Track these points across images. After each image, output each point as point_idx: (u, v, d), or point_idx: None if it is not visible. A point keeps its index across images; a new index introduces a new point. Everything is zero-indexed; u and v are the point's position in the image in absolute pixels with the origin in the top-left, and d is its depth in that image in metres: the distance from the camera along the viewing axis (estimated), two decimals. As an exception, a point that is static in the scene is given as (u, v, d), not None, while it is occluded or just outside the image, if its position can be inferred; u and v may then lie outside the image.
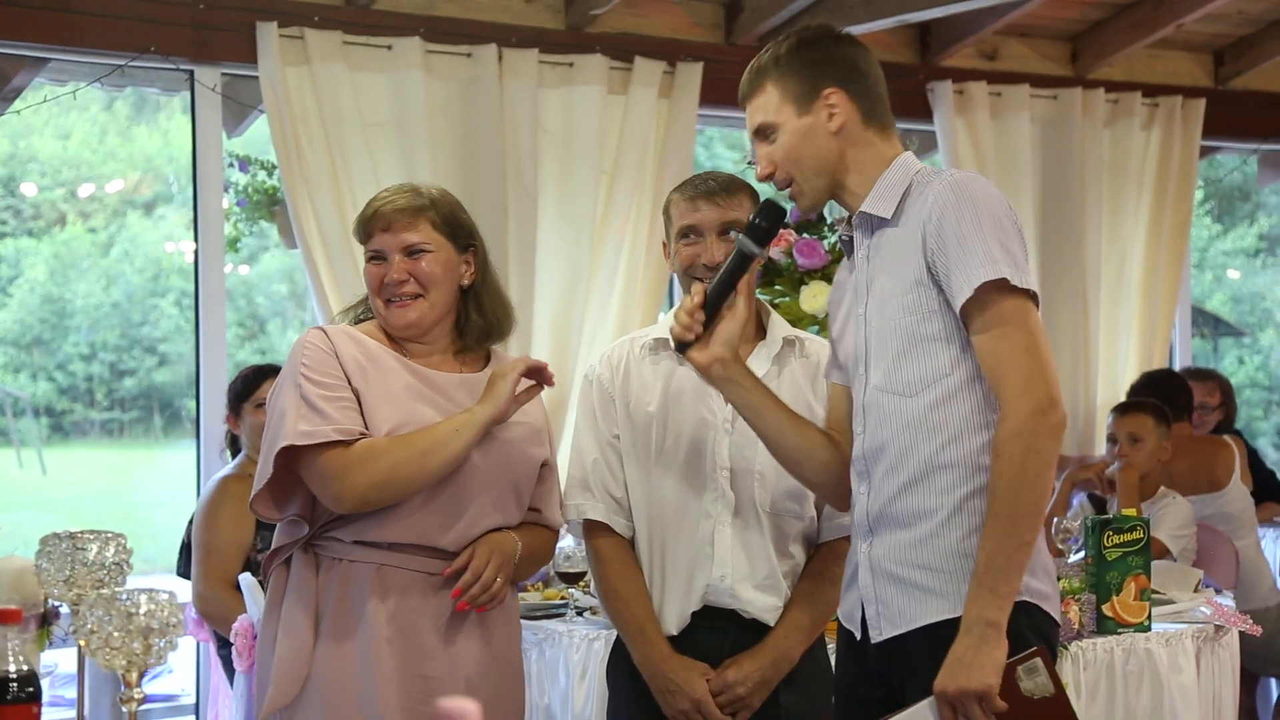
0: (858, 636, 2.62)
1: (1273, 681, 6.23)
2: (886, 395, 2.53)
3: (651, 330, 3.12)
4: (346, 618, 2.76)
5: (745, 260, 2.65)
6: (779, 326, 3.08)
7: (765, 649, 2.96)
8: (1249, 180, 8.70)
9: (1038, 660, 2.40)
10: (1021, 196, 6.53)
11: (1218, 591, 4.28)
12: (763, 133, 2.64)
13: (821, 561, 3.03)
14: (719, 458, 2.97)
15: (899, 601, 2.54)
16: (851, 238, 2.67)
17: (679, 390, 3.01)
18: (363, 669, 2.74)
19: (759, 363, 3.00)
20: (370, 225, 2.86)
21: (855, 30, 6.07)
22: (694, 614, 2.97)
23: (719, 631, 2.97)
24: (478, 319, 2.91)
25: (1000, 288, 2.40)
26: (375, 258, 2.86)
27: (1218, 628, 3.82)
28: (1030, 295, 2.44)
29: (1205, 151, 7.43)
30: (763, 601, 2.97)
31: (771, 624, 2.98)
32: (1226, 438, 5.97)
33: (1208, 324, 14.94)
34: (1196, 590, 4.16)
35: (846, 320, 2.67)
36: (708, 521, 2.97)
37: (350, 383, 2.77)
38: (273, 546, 2.87)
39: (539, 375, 2.87)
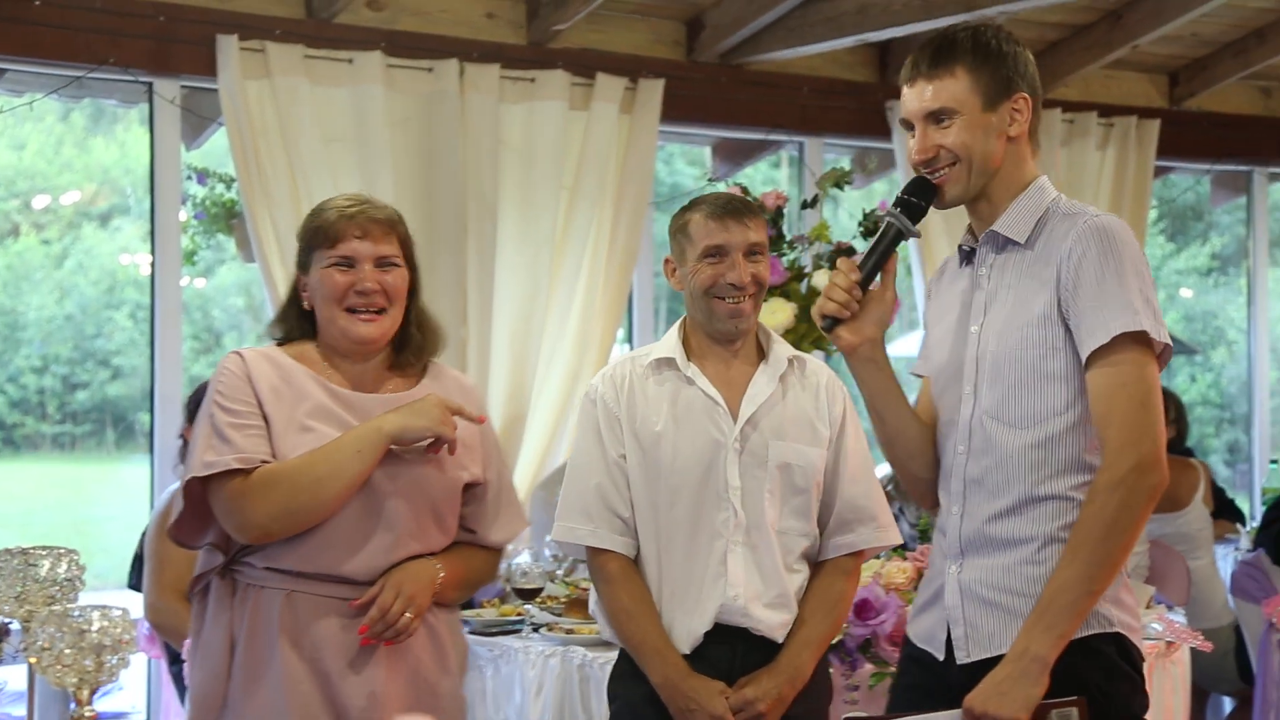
0: (940, 658, 2.60)
1: (1224, 699, 6.28)
2: (997, 423, 2.52)
3: (653, 349, 3.10)
4: (259, 645, 2.73)
5: (898, 238, 2.59)
6: (781, 346, 3.09)
7: (781, 666, 2.97)
8: (1202, 200, 8.79)
9: (1074, 710, 2.40)
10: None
11: (1169, 608, 4.32)
12: (936, 116, 2.53)
13: (828, 578, 3.05)
14: (730, 477, 2.97)
15: (989, 625, 2.53)
16: (974, 249, 2.64)
17: (686, 409, 3.01)
18: (273, 697, 2.70)
19: (764, 383, 3.01)
20: (342, 230, 2.78)
21: (815, 49, 6.14)
22: (707, 632, 2.97)
23: (729, 648, 2.98)
24: (418, 335, 2.89)
25: (1134, 339, 2.41)
26: (343, 264, 2.78)
27: (1169, 644, 3.84)
28: (1159, 355, 2.45)
29: (1159, 171, 7.51)
30: (773, 619, 2.98)
31: (780, 640, 2.99)
32: (1193, 460, 6.02)
33: (1161, 342, 15.07)
34: (1149, 606, 4.19)
35: (952, 331, 2.64)
36: (719, 541, 2.97)
37: (262, 408, 2.72)
38: (195, 573, 2.84)
39: (462, 415, 2.82)
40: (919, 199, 2.58)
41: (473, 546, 2.92)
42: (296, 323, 2.86)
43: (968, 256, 2.66)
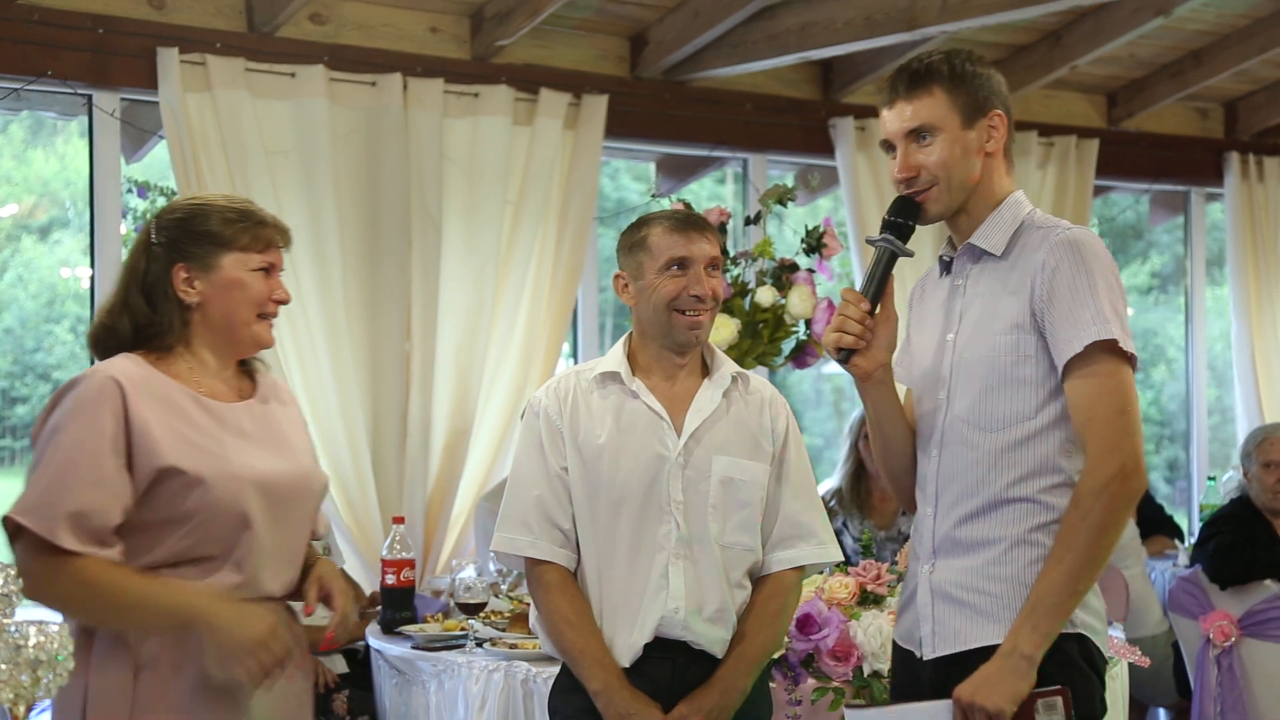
0: (918, 655, 2.69)
1: (1161, 711, 6.34)
2: (968, 427, 2.61)
3: (598, 363, 3.11)
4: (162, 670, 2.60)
5: (893, 261, 2.66)
6: (725, 363, 3.11)
7: (716, 683, 2.99)
8: (1141, 219, 8.88)
9: (1059, 699, 2.49)
10: (919, 232, 6.61)
11: (1109, 623, 4.36)
12: (917, 134, 2.63)
13: (768, 593, 3.06)
14: (673, 491, 2.98)
15: (955, 622, 2.62)
16: (953, 259, 2.72)
17: (630, 423, 3.02)
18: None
19: (708, 398, 3.03)
20: (272, 238, 2.75)
21: (758, 66, 6.18)
22: (647, 644, 2.98)
23: (668, 662, 2.99)
24: None
25: (1106, 347, 2.50)
26: (266, 270, 2.74)
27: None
28: (1130, 360, 2.54)
29: (1099, 190, 7.59)
30: (713, 634, 2.99)
31: (720, 655, 3.00)
32: None
33: (1102, 359, 15.24)
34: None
35: (932, 341, 2.72)
36: (661, 554, 2.98)
37: (130, 436, 2.55)
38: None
39: (328, 602, 2.76)
40: (905, 219, 2.67)
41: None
42: (174, 321, 2.68)
43: (947, 266, 2.75)
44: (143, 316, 2.69)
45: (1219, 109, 7.87)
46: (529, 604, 4.17)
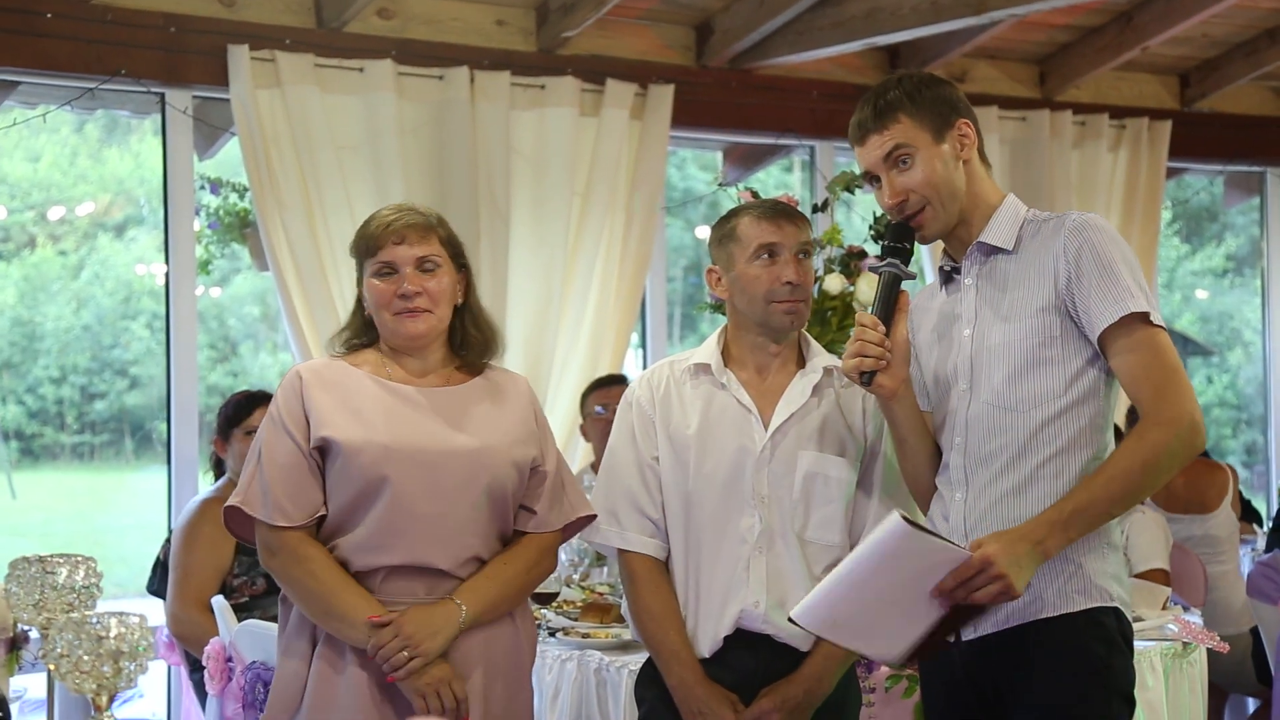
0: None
1: (1249, 701, 6.26)
2: (998, 410, 2.66)
3: (693, 354, 3.12)
4: (338, 642, 2.82)
5: (898, 282, 2.72)
6: (819, 355, 3.09)
7: (800, 677, 2.98)
8: (1216, 201, 8.78)
9: (964, 628, 2.56)
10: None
11: (1185, 609, 4.31)
12: (896, 159, 2.70)
13: None
14: (757, 485, 2.98)
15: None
16: (955, 267, 2.78)
17: (719, 416, 3.03)
18: (348, 691, 2.80)
19: (799, 391, 3.02)
20: (380, 239, 2.90)
21: (825, 53, 6.15)
22: (727, 637, 2.98)
23: (752, 654, 2.99)
24: (475, 334, 3.00)
25: (1143, 319, 2.57)
26: (385, 272, 2.90)
27: (1185, 645, 3.84)
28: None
29: (1172, 172, 7.50)
30: (795, 628, 2.98)
31: (805, 650, 2.99)
32: (1223, 465, 6.01)
33: (1177, 343, 15.07)
34: (1165, 608, 4.18)
35: (939, 342, 2.78)
36: (743, 547, 2.98)
37: (308, 417, 2.84)
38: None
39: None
40: (903, 243, 2.73)
41: (520, 541, 2.97)
42: (362, 331, 2.99)
43: (949, 276, 2.80)
44: (348, 324, 3.03)
45: (1295, 87, 7.75)
46: (601, 593, 4.20)
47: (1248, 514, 6.64)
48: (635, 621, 3.06)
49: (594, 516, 3.05)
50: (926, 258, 6.34)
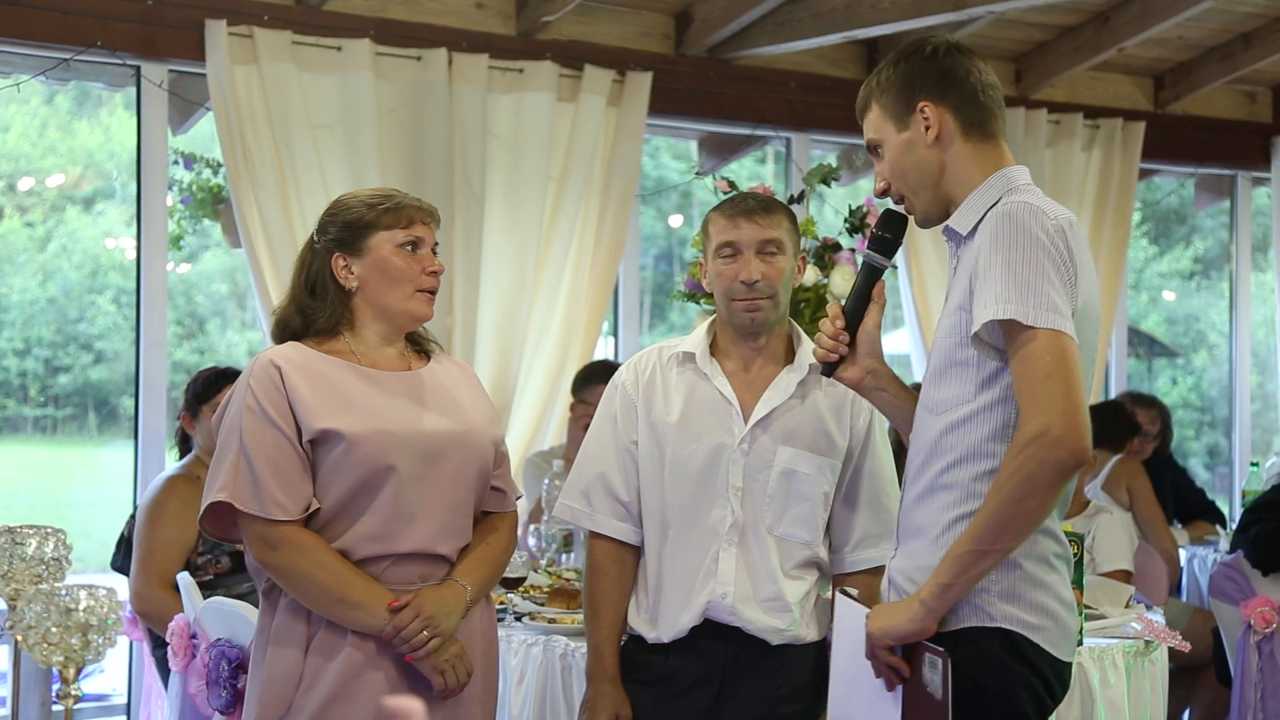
0: None
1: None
2: (922, 410, 2.57)
3: (682, 342, 3.13)
4: (335, 628, 2.81)
5: (874, 273, 2.68)
6: (808, 353, 3.05)
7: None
8: (1186, 203, 8.83)
9: (940, 660, 2.41)
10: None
11: (1149, 608, 4.35)
12: (873, 150, 2.67)
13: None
14: (731, 477, 2.99)
15: None
16: None
17: (701, 406, 3.03)
18: (344, 681, 2.79)
19: (783, 386, 3.02)
20: (413, 215, 2.89)
21: (803, 45, 6.16)
22: (696, 627, 3.00)
23: (722, 645, 3.01)
24: None
25: (1018, 325, 2.37)
26: (413, 246, 2.89)
27: (1147, 643, 3.87)
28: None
29: (1144, 174, 7.54)
30: (765, 621, 2.99)
31: (774, 644, 3.01)
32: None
33: (1143, 344, 15.12)
34: (1128, 606, 4.21)
35: None
36: (714, 539, 3.00)
37: (294, 409, 2.78)
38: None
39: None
40: (890, 233, 2.68)
41: (491, 522, 2.99)
42: (340, 315, 2.90)
43: None
44: (308, 308, 2.90)
45: (1268, 93, 7.79)
46: (568, 579, 4.21)
47: (1210, 515, 6.70)
48: (584, 604, 3.12)
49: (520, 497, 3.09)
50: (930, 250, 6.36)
